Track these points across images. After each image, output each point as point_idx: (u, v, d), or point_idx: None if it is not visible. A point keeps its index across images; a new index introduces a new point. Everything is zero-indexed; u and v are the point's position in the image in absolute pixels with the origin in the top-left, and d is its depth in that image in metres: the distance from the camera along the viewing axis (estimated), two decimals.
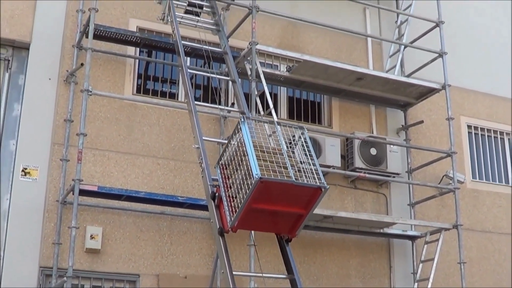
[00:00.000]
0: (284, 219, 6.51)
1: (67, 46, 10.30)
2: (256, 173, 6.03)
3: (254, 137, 6.48)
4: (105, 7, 10.67)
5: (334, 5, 12.37)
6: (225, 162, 6.77)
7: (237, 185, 6.39)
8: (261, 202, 6.19)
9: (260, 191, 6.08)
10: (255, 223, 6.48)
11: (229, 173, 6.67)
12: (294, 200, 6.32)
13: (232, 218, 6.37)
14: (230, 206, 6.45)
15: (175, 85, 11.12)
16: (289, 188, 6.19)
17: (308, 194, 6.32)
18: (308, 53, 11.60)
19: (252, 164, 6.12)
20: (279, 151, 6.42)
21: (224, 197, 6.57)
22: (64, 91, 10.08)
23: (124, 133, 10.29)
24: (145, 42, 10.55)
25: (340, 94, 11.81)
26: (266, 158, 6.25)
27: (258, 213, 6.28)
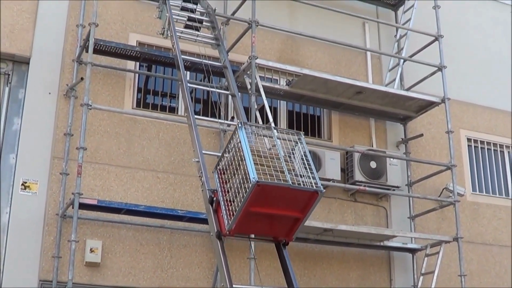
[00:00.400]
0: (281, 223, 6.57)
1: (67, 61, 10.32)
2: (253, 177, 6.11)
3: (252, 143, 6.56)
4: (105, 21, 10.71)
5: (334, 19, 12.39)
6: (223, 167, 6.84)
7: (234, 189, 6.47)
8: (258, 206, 6.25)
9: (257, 195, 6.15)
10: (252, 226, 6.54)
11: (227, 178, 6.75)
12: (291, 203, 6.38)
13: (229, 221, 6.43)
14: (227, 210, 6.52)
15: (175, 99, 11.12)
16: (286, 191, 6.26)
17: (304, 198, 6.38)
18: (308, 67, 11.62)
19: (250, 168, 6.20)
20: (276, 156, 6.49)
21: (222, 201, 6.63)
22: (64, 105, 10.09)
23: (124, 147, 10.29)
24: (145, 56, 10.57)
25: (340, 108, 11.81)
26: (263, 162, 6.32)
27: (256, 216, 6.35)
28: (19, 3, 10.37)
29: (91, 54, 9.56)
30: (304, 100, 11.50)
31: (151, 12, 10.72)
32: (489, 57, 13.89)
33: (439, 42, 12.04)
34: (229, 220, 6.45)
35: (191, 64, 10.30)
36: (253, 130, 6.80)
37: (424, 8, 12.71)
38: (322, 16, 12.30)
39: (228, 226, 6.46)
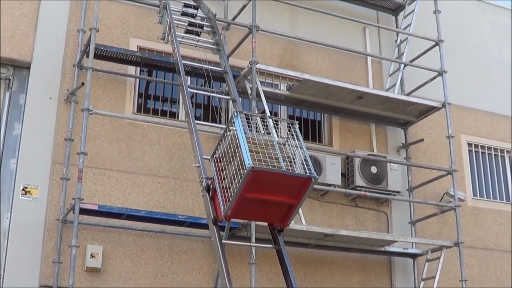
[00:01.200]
0: (275, 209, 6.72)
1: (68, 66, 10.32)
2: (248, 163, 6.27)
3: (247, 131, 6.71)
4: (106, 26, 10.71)
5: (334, 25, 12.39)
6: (219, 156, 7.00)
7: (230, 176, 6.62)
8: (253, 192, 6.42)
9: (252, 181, 6.31)
10: (247, 212, 6.72)
11: (223, 165, 6.90)
12: (285, 190, 6.53)
13: (225, 207, 6.59)
14: (224, 196, 6.67)
15: (176, 104, 11.11)
16: (280, 177, 6.41)
17: (298, 184, 6.53)
18: (308, 72, 11.63)
19: (245, 155, 6.36)
20: (271, 144, 6.64)
21: (218, 188, 6.80)
22: (65, 110, 10.08)
23: (125, 152, 10.28)
24: (145, 61, 10.56)
25: (341, 113, 11.80)
26: (259, 150, 6.47)
27: (251, 202, 6.51)
28: (19, 8, 10.37)
29: (91, 59, 9.56)
30: (304, 105, 11.49)
31: (151, 17, 10.73)
32: (490, 61, 13.89)
33: (440, 47, 12.04)
34: (225, 206, 6.60)
35: (191, 69, 10.30)
36: (249, 119, 6.96)
37: (425, 13, 12.70)
38: (323, 21, 12.31)
39: (224, 211, 6.62)
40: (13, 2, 10.35)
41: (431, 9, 12.45)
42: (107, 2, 10.76)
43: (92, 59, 9.58)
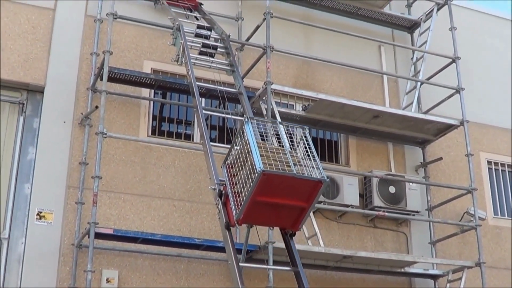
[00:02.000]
0: (287, 213, 6.82)
1: (82, 89, 10.33)
2: (259, 166, 6.39)
3: (258, 137, 6.83)
4: (119, 49, 10.73)
5: (349, 43, 12.37)
6: (231, 162, 7.13)
7: (242, 181, 6.74)
8: (265, 195, 6.53)
9: (263, 184, 6.42)
10: (259, 216, 6.80)
11: (235, 171, 7.02)
12: (296, 193, 6.64)
13: (237, 212, 6.71)
14: (236, 201, 6.79)
15: (190, 126, 11.09)
16: (291, 181, 6.53)
17: (309, 187, 6.62)
18: (324, 92, 11.59)
19: (256, 159, 6.48)
20: (282, 150, 6.76)
21: (230, 193, 6.92)
22: (79, 134, 10.07)
23: (140, 175, 10.24)
24: (159, 83, 10.57)
25: (357, 132, 11.74)
26: (269, 155, 6.59)
27: (262, 206, 6.62)
28: (33, 32, 10.41)
29: (105, 82, 9.58)
30: (320, 125, 11.44)
31: (165, 39, 10.75)
32: (507, 77, 13.77)
33: (456, 64, 11.96)
34: (237, 210, 6.71)
35: (206, 90, 10.27)
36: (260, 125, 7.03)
37: (440, 30, 12.64)
38: (338, 40, 12.29)
39: (236, 215, 6.72)
40: (26, 26, 10.41)
41: (447, 26, 12.39)
42: (120, 24, 10.77)
43: (106, 82, 9.59)
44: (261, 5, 11.28)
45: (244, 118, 7.04)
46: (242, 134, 6.93)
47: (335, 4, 12.58)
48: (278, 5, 11.99)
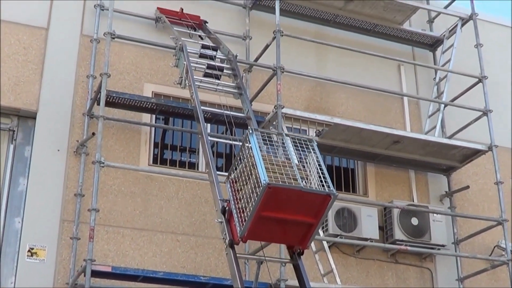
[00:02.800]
0: (294, 229, 6.93)
1: (77, 115, 10.37)
2: (264, 179, 6.51)
3: (263, 150, 6.96)
4: (117, 71, 10.78)
5: (366, 63, 12.41)
6: (235, 177, 7.27)
7: (246, 197, 6.85)
8: (270, 210, 6.64)
9: (269, 198, 6.54)
10: (265, 233, 6.93)
11: (239, 187, 7.15)
12: (303, 208, 6.75)
13: (242, 228, 6.83)
14: (240, 217, 6.92)
15: (195, 154, 11.10)
16: (298, 195, 6.64)
17: (317, 202, 6.75)
18: (339, 116, 11.63)
19: (261, 172, 6.60)
20: (288, 163, 6.86)
21: (234, 209, 7.03)
22: (74, 163, 10.10)
23: (140, 208, 10.24)
24: (161, 108, 10.59)
25: (376, 159, 11.73)
26: (275, 169, 6.70)
27: (268, 222, 6.75)
28: (24, 54, 10.48)
29: (102, 107, 9.61)
30: (336, 152, 11.44)
31: (167, 60, 10.81)
32: None
33: (483, 84, 11.97)
34: (242, 227, 6.82)
35: (211, 115, 10.30)
36: (265, 137, 7.15)
37: (465, 47, 12.67)
38: (353, 59, 12.33)
39: (240, 232, 6.84)
40: (17, 47, 10.48)
41: (472, 43, 12.42)
42: (119, 45, 10.83)
43: (103, 107, 9.63)
44: (270, 22, 11.34)
45: (248, 130, 7.17)
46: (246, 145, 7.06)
47: (351, 21, 12.63)
48: (289, 23, 12.04)
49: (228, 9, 12.11)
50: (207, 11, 11.82)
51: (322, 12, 12.41)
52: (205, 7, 11.85)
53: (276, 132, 7.66)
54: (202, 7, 11.83)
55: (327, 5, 12.27)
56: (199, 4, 11.83)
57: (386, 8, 12.39)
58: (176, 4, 11.57)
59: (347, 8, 12.36)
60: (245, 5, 12.10)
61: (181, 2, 11.64)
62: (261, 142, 7.06)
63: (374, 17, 12.59)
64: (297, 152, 7.12)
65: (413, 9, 12.55)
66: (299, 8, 12.30)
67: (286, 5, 12.08)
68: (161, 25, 11.28)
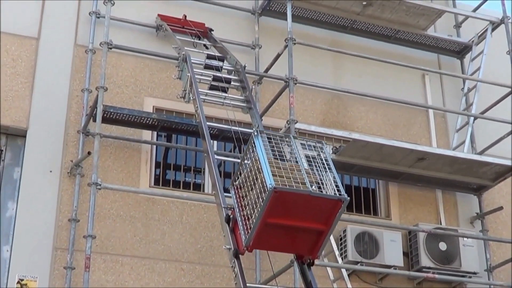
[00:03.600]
0: (303, 237, 7.01)
1: (71, 132, 10.37)
2: (270, 183, 6.59)
3: (270, 154, 7.05)
4: (115, 85, 10.80)
5: (387, 73, 12.43)
6: (240, 183, 7.38)
7: (252, 203, 6.94)
8: (277, 216, 6.72)
9: (275, 203, 6.61)
10: (271, 241, 6.99)
11: (244, 193, 7.25)
12: (312, 214, 6.83)
13: (247, 236, 6.91)
14: (245, 225, 7.01)
15: (201, 175, 11.11)
16: (306, 200, 6.71)
17: (327, 208, 6.81)
18: (358, 131, 11.65)
19: (266, 176, 6.68)
20: (297, 168, 6.92)
21: (239, 217, 7.15)
22: (68, 185, 10.08)
23: (141, 234, 10.23)
24: (163, 124, 10.59)
25: (399, 178, 11.71)
26: (283, 174, 6.77)
27: (275, 229, 6.82)
28: (13, 66, 10.51)
29: (99, 123, 9.63)
30: (355, 171, 11.43)
31: (169, 72, 10.85)
32: None
33: None
34: (247, 235, 6.92)
35: (218, 132, 10.28)
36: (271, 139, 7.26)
37: (496, 54, 12.68)
38: (373, 69, 12.34)
39: (245, 241, 6.92)
40: (5, 58, 10.51)
41: (503, 49, 12.41)
42: (116, 55, 10.85)
43: (100, 124, 9.64)
44: (282, 29, 11.36)
45: (253, 132, 7.29)
46: (252, 150, 7.17)
47: (370, 27, 12.63)
48: (302, 30, 12.06)
49: (236, 16, 12.13)
50: (212, 18, 11.85)
51: (338, 18, 12.41)
52: (210, 13, 11.88)
53: (284, 134, 7.72)
54: (207, 13, 11.85)
55: (344, 10, 12.26)
56: (204, 10, 11.85)
57: (408, 12, 12.37)
58: (178, 10, 11.61)
59: (365, 13, 12.34)
60: (254, 11, 12.12)
61: (184, 9, 11.67)
62: (267, 145, 7.16)
63: (396, 22, 12.57)
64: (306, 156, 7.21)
65: (438, 13, 12.54)
66: (313, 14, 12.30)
67: (298, 10, 12.09)
68: (162, 34, 11.30)
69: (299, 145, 7.39)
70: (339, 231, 10.83)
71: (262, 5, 12.07)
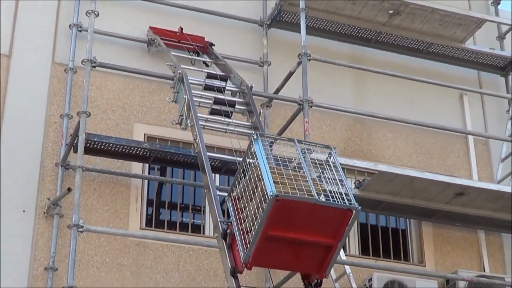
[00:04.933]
0: (309, 253, 7.12)
1: (48, 165, 10.36)
2: (271, 190, 6.71)
3: (271, 160, 7.21)
4: (99, 109, 10.80)
5: (418, 93, 12.49)
6: (238, 194, 7.53)
7: (251, 215, 7.08)
8: (279, 228, 6.85)
9: (277, 213, 6.74)
10: (273, 258, 7.11)
11: (242, 205, 7.41)
12: (319, 226, 6.97)
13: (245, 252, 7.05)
14: (243, 240, 7.16)
15: (200, 214, 11.09)
16: (312, 209, 6.83)
17: (336, 218, 6.95)
18: (385, 161, 11.71)
19: (267, 183, 6.82)
20: (302, 176, 7.10)
21: (237, 231, 7.32)
22: (45, 227, 10.06)
23: (131, 283, 10.19)
24: (156, 155, 10.58)
25: (434, 217, 11.70)
26: (286, 182, 6.90)
27: (277, 243, 6.96)
28: None
29: (81, 154, 9.62)
30: (381, 209, 11.41)
31: (163, 94, 10.91)
32: None
33: None
34: (245, 251, 7.05)
35: (221, 163, 10.31)
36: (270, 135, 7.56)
37: None
38: (402, 89, 12.40)
39: (244, 257, 7.05)
40: None
41: None
42: (102, 75, 10.88)
43: (82, 155, 9.64)
44: (294, 43, 11.40)
45: (252, 135, 7.49)
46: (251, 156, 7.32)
47: (397, 40, 12.64)
48: (318, 43, 12.12)
49: (241, 28, 12.17)
50: (213, 30, 11.92)
51: (361, 29, 12.43)
52: (211, 25, 11.95)
53: (287, 138, 7.86)
54: (208, 25, 11.93)
55: (367, 20, 12.28)
56: (204, 22, 11.90)
57: (443, 22, 12.36)
58: (174, 22, 11.65)
59: (392, 23, 12.35)
60: (262, 22, 12.15)
61: (180, 20, 11.69)
62: (269, 150, 7.33)
63: (428, 34, 12.59)
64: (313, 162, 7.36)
65: (478, 22, 12.56)
66: (331, 25, 12.30)
67: (314, 21, 12.10)
68: (155, 49, 11.31)
69: (305, 150, 7.57)
70: (364, 280, 10.81)
71: (271, 15, 12.10)
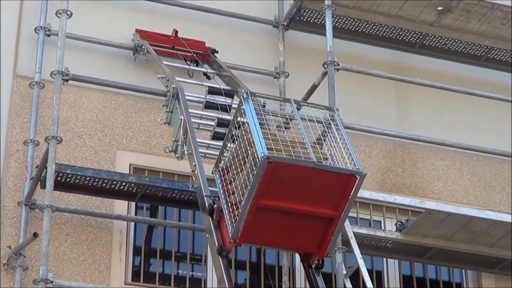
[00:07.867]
0: (308, 227, 7.35)
1: (9, 205, 10.39)
2: (262, 152, 6.95)
3: (265, 123, 7.48)
4: (73, 133, 10.83)
5: (475, 110, 12.56)
6: (226, 165, 7.91)
7: (241, 187, 7.33)
8: (272, 197, 7.08)
9: (270, 178, 6.97)
10: (266, 233, 7.35)
11: (231, 177, 7.74)
12: (319, 195, 7.20)
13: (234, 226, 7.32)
14: (231, 213, 7.41)
15: (200, 265, 11.14)
16: (310, 174, 7.08)
17: (338, 186, 7.20)
18: (433, 197, 11.79)
19: (258, 145, 7.05)
20: (300, 143, 7.30)
21: (225, 206, 7.59)
22: (5, 283, 10.07)
23: None
24: (145, 191, 10.61)
25: (497, 267, 11.71)
26: (281, 148, 7.12)
27: (270, 216, 7.20)
28: None
29: (50, 191, 9.64)
30: (430, 257, 11.46)
31: (153, 115, 11.01)
32: None
33: None
34: (234, 225, 7.32)
35: None
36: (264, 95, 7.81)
37: None
38: (455, 105, 12.44)
39: (232, 232, 7.31)
40: None
41: None
42: (76, 90, 10.94)
43: (52, 191, 9.66)
44: (318, 48, 11.40)
45: (242, 94, 7.77)
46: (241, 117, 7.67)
47: (449, 43, 12.66)
48: (348, 49, 12.17)
49: (251, 30, 12.22)
50: (216, 33, 11.97)
51: (402, 31, 12.46)
52: (213, 27, 12.02)
53: (282, 98, 8.17)
54: (209, 27, 11.97)
55: (410, 19, 12.28)
56: (204, 22, 11.92)
57: (506, 20, 12.34)
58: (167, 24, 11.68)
59: (441, 22, 12.37)
60: (278, 23, 12.16)
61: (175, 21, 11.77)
62: (261, 111, 7.61)
63: (487, 35, 12.62)
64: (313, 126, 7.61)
65: None
66: (363, 26, 12.35)
67: (342, 20, 12.12)
68: (142, 58, 11.32)
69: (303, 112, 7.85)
70: None
71: (289, 13, 12.09)
